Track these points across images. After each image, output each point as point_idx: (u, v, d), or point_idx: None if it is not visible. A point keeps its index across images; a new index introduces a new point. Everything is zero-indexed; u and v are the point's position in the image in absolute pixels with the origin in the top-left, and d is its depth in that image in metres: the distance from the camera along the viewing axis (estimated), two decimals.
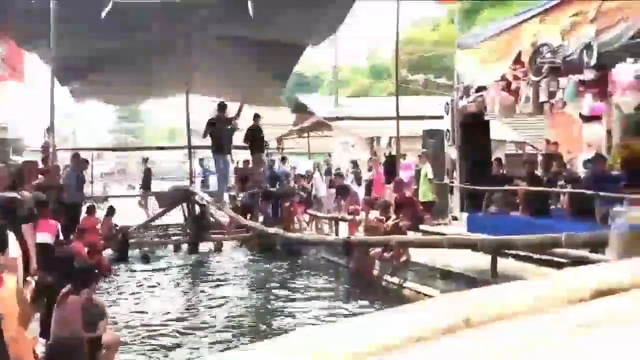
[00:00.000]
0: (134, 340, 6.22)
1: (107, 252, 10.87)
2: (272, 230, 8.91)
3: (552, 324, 0.68)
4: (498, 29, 9.51)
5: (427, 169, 11.27)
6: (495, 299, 0.77)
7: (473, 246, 6.50)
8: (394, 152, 13.32)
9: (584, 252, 5.72)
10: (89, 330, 4.58)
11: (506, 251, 7.13)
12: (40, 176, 9.78)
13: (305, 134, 20.60)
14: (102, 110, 36.65)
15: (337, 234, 10.81)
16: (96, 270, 4.70)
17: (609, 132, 10.28)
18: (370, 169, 12.93)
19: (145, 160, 16.68)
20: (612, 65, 7.62)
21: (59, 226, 7.22)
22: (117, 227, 11.54)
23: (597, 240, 4.65)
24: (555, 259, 6.13)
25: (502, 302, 0.75)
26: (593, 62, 7.21)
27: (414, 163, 12.94)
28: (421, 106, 16.08)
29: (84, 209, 10.89)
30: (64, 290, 4.51)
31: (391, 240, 7.47)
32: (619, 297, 0.80)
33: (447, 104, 11.03)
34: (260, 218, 12.21)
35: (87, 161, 12.19)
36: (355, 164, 14.26)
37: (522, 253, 7.07)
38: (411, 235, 8.43)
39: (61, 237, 7.18)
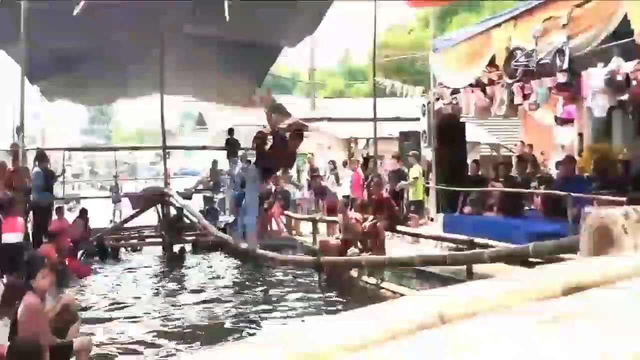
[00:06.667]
0: (107, 339, 6.12)
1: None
2: (244, 245, 8.54)
3: (520, 320, 0.68)
4: (472, 32, 9.64)
5: (417, 170, 11.44)
6: (467, 296, 0.77)
7: (442, 262, 6.47)
8: (370, 154, 13.41)
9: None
10: (59, 334, 4.46)
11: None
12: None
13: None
14: (73, 110, 35.99)
15: (315, 236, 10.82)
16: (44, 262, 4.46)
17: (580, 135, 10.53)
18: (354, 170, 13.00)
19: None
20: (584, 69, 7.80)
21: (22, 222, 7.03)
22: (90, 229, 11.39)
23: (565, 246, 4.70)
24: (529, 259, 6.24)
25: (474, 299, 0.76)
26: (565, 66, 7.37)
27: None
28: (398, 108, 16.22)
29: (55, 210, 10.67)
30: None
31: (362, 261, 7.38)
32: (588, 293, 0.81)
33: (424, 106, 11.16)
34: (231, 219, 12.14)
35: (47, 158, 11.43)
36: (334, 164, 14.31)
37: None
38: (382, 257, 8.35)
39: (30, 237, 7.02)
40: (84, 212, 11.65)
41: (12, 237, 6.56)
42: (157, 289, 9.11)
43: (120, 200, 15.30)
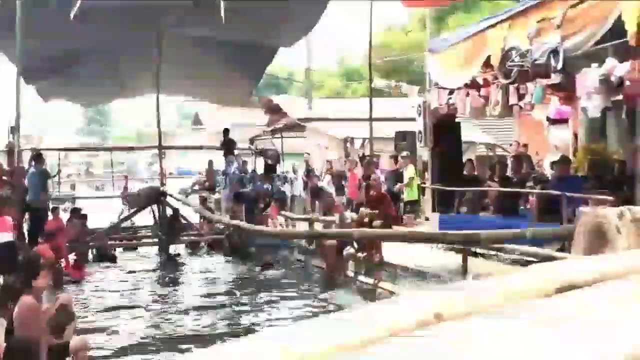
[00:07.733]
0: (103, 341, 6.11)
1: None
2: (234, 222, 8.83)
3: (515, 319, 0.69)
4: (468, 33, 9.66)
5: (412, 170, 11.55)
6: (463, 295, 0.78)
7: (437, 240, 6.39)
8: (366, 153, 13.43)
9: (551, 252, 5.87)
10: (55, 335, 4.44)
11: (476, 251, 7.24)
12: (4, 177, 9.51)
13: (279, 135, 20.57)
14: (70, 110, 35.86)
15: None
16: (41, 262, 4.44)
17: (575, 135, 10.56)
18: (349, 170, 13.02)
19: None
20: (578, 69, 7.82)
21: (10, 221, 6.98)
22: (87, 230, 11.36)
23: (561, 234, 4.79)
24: (525, 258, 6.27)
25: (470, 299, 0.77)
26: (560, 66, 7.39)
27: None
28: (394, 108, 16.24)
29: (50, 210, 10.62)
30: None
31: (352, 233, 7.30)
32: (582, 291, 0.82)
33: (420, 106, 11.16)
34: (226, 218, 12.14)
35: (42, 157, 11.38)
36: (330, 164, 14.31)
37: (492, 253, 7.21)
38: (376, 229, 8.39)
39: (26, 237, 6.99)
40: (76, 212, 11.62)
41: (4, 237, 6.51)
42: (152, 291, 9.09)
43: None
